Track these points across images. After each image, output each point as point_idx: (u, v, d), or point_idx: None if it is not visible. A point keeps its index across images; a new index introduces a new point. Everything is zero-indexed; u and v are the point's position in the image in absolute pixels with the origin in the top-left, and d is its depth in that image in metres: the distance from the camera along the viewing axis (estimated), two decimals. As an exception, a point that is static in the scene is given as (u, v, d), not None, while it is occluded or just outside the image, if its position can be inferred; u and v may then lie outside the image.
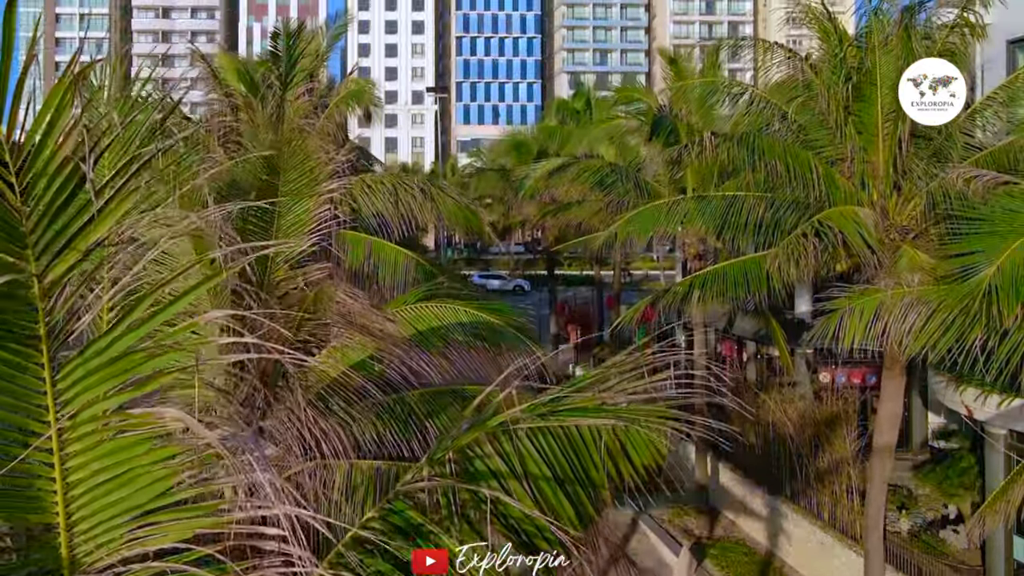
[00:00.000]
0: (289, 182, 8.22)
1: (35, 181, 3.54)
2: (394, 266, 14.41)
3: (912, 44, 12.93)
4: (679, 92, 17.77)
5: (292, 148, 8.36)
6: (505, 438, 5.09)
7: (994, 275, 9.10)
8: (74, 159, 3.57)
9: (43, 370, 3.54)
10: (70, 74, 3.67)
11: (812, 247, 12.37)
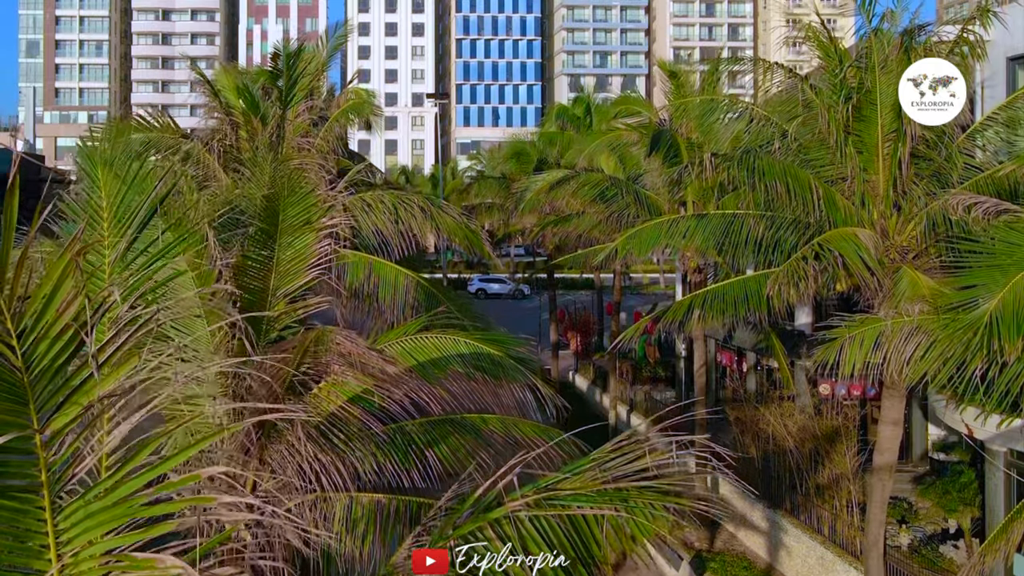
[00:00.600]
0: (289, 218, 8.22)
1: (36, 344, 3.66)
2: (394, 287, 14.40)
3: (911, 61, 12.92)
4: (679, 109, 17.75)
5: (292, 184, 8.36)
6: (507, 522, 5.09)
7: (995, 309, 9.09)
8: (74, 325, 3.59)
9: (44, 512, 3.57)
10: (71, 250, 3.71)
11: (812, 270, 12.37)
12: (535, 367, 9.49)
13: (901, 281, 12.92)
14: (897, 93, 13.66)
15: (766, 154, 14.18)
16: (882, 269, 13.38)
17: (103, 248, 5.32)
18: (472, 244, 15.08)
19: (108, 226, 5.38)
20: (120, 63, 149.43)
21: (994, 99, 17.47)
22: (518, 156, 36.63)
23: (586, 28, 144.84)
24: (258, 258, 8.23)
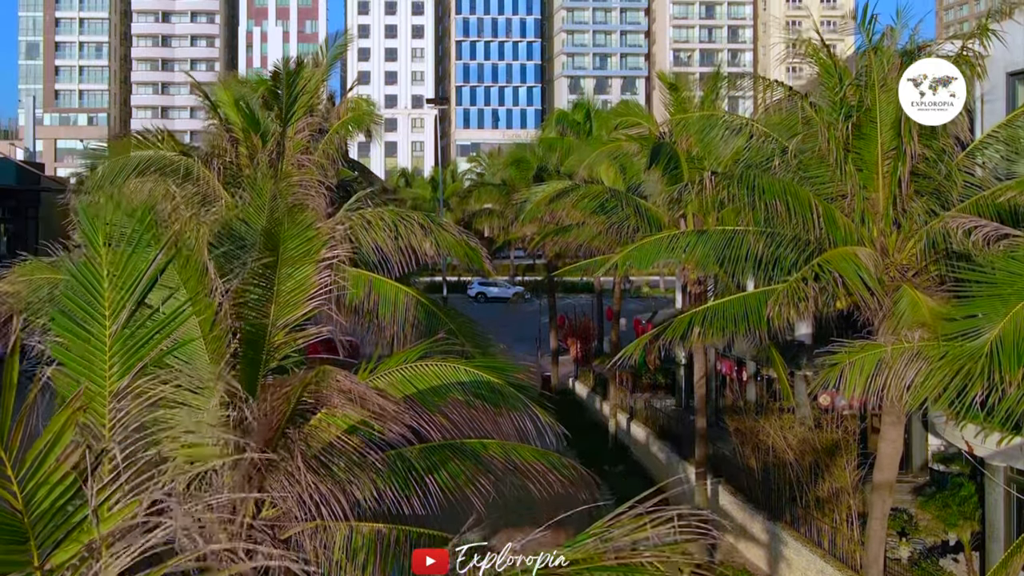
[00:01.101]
0: (289, 250, 8.23)
1: (36, 489, 3.73)
2: (394, 304, 14.41)
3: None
4: (679, 125, 17.76)
5: (293, 217, 8.36)
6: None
7: (995, 338, 9.10)
8: (73, 472, 3.62)
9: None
10: (71, 406, 3.77)
11: (812, 291, 12.38)
12: (535, 394, 9.49)
13: (901, 301, 12.92)
14: (897, 111, 13.69)
15: (766, 172, 14.19)
16: (882, 288, 13.38)
17: (104, 319, 5.31)
18: (472, 260, 15.07)
19: (109, 294, 5.37)
20: (120, 65, 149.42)
21: (994, 114, 17.49)
22: (518, 163, 36.66)
23: (586, 30, 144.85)
24: (258, 289, 8.24)
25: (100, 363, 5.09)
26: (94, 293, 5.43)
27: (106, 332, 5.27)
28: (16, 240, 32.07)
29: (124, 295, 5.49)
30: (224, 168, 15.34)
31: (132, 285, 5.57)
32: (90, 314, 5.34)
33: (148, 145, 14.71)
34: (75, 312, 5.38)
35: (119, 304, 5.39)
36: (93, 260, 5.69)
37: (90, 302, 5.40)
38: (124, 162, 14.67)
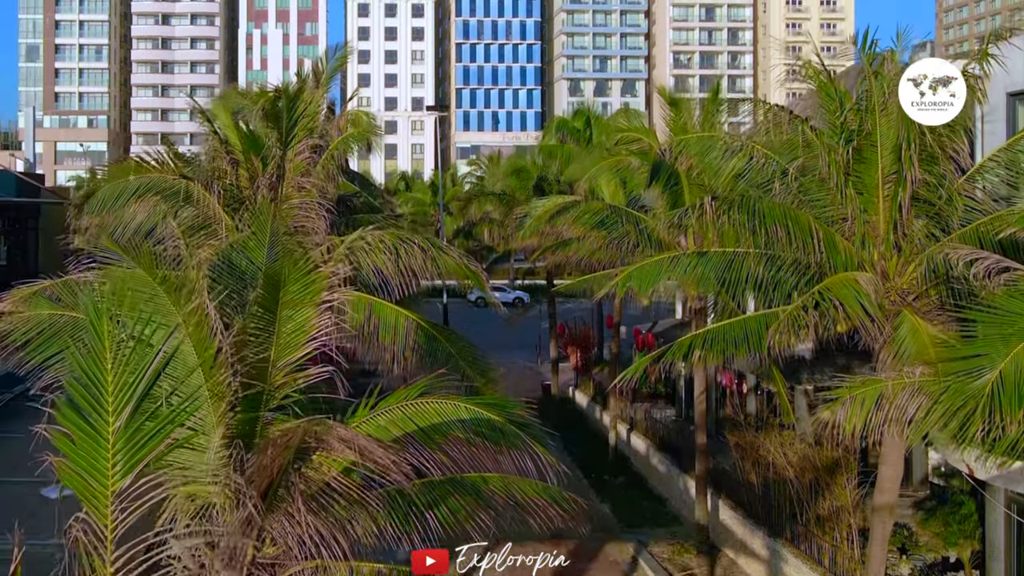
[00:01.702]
0: (290, 293, 8.24)
1: None
2: (395, 328, 14.40)
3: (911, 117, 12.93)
4: (679, 146, 17.77)
5: (294, 261, 8.37)
6: None
7: (996, 379, 9.10)
8: None
9: None
10: None
11: (812, 318, 12.38)
12: (537, 431, 9.49)
13: (901, 327, 12.92)
14: (897, 136, 13.69)
15: (767, 194, 14.19)
16: (882, 313, 13.37)
17: (107, 415, 5.31)
18: (473, 284, 15.07)
19: (112, 392, 5.36)
20: (120, 67, 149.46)
21: (994, 134, 17.49)
22: (518, 172, 36.68)
23: (586, 32, 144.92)
24: (259, 331, 8.25)
25: (103, 461, 5.07)
26: (99, 388, 5.42)
27: (109, 429, 5.26)
28: (16, 250, 32.07)
29: (127, 393, 5.48)
30: (224, 190, 15.34)
31: (135, 383, 5.57)
32: (95, 409, 5.34)
33: (148, 168, 14.72)
34: (81, 404, 5.38)
35: (122, 401, 5.38)
36: (98, 354, 5.67)
37: (95, 396, 5.39)
38: (123, 186, 14.68)
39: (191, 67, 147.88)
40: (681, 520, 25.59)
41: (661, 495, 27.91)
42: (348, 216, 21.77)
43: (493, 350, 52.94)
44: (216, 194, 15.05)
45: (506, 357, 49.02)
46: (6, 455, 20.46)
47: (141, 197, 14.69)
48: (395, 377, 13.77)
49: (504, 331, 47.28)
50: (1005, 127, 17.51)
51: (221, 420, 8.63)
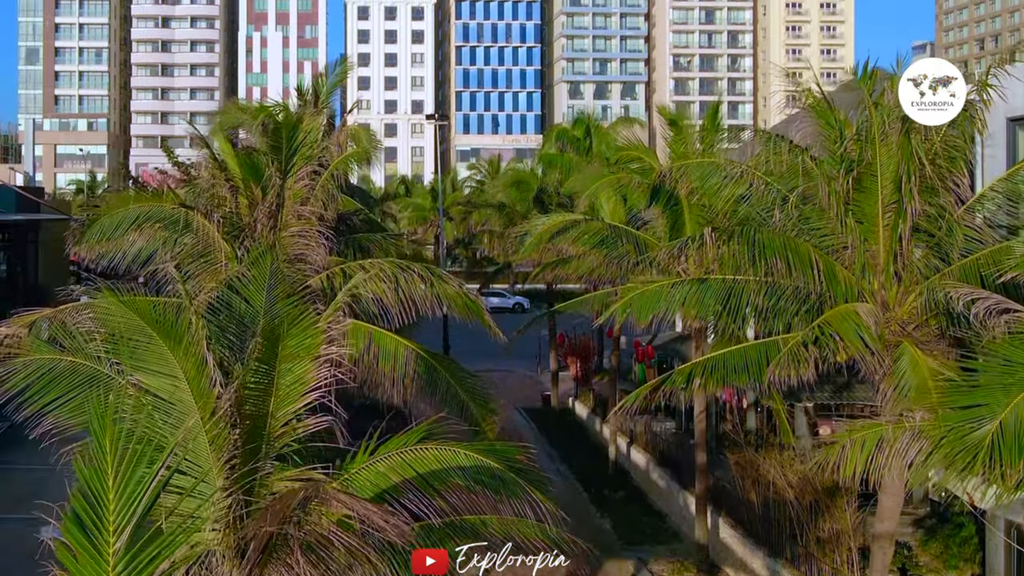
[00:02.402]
0: (289, 347, 8.23)
1: None
2: (394, 357, 14.39)
3: (911, 147, 12.92)
4: (679, 171, 17.77)
5: (293, 317, 8.37)
6: None
7: (996, 430, 9.09)
8: None
9: None
10: None
11: (812, 353, 12.38)
12: (536, 477, 9.47)
13: (902, 359, 12.93)
14: (897, 166, 13.69)
15: (767, 223, 14.18)
16: (882, 344, 13.37)
17: (108, 535, 5.28)
18: (473, 313, 15.08)
19: (113, 512, 5.32)
20: (120, 70, 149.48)
21: (994, 158, 17.47)
22: (518, 184, 36.73)
23: (586, 35, 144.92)
24: (258, 383, 8.25)
25: (104, 580, 5.06)
26: (101, 505, 5.40)
27: (110, 550, 5.24)
28: (16, 262, 32.06)
29: (128, 511, 5.44)
30: (223, 218, 15.33)
31: (135, 501, 5.54)
32: (96, 527, 5.32)
33: (147, 197, 14.72)
34: (84, 520, 5.36)
35: (123, 520, 5.35)
36: (101, 470, 5.66)
37: (97, 513, 5.37)
38: (123, 215, 14.68)
39: (191, 70, 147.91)
40: (681, 537, 25.55)
41: (661, 510, 27.88)
42: (348, 236, 21.75)
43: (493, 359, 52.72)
44: (215, 222, 15.04)
45: (506, 365, 48.97)
46: (7, 488, 20.26)
47: (140, 226, 14.70)
48: (398, 413, 13.75)
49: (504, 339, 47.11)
50: (1005, 152, 17.50)
51: (221, 470, 8.64)
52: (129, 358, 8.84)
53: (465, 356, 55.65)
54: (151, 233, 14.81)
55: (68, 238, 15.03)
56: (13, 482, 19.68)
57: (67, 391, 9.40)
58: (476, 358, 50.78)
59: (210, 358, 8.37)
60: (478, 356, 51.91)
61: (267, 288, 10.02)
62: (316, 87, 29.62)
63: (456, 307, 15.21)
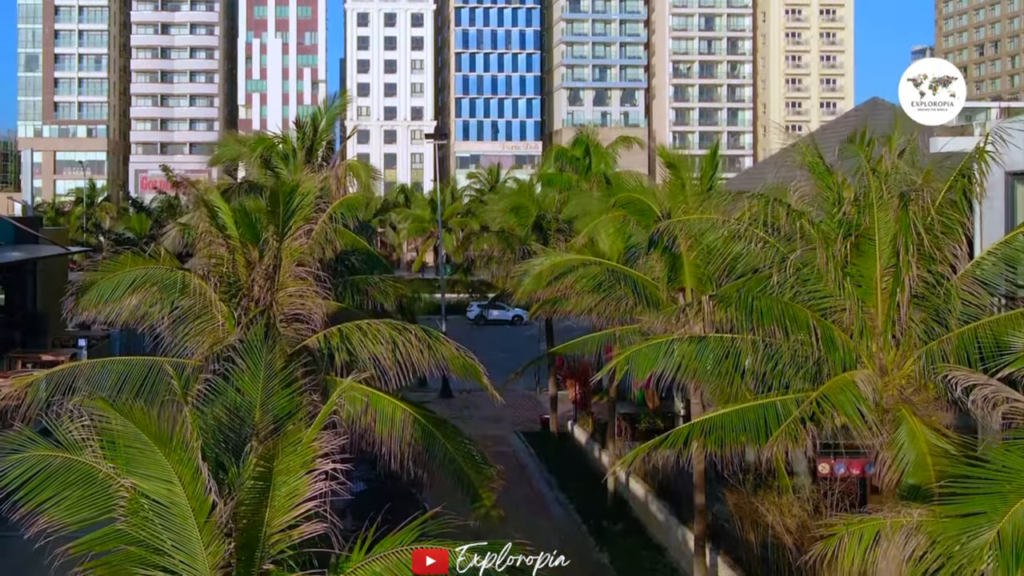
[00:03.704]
0: (284, 462, 8.22)
1: None
2: (391, 422, 14.36)
3: (909, 219, 12.91)
4: (677, 227, 17.76)
5: (288, 437, 8.36)
6: None
7: (993, 540, 9.05)
8: None
9: None
10: None
11: (811, 430, 12.38)
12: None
13: (900, 429, 12.93)
14: (895, 231, 13.67)
15: (765, 281, 14.20)
16: (881, 412, 13.36)
17: None
18: (471, 375, 15.07)
19: None
20: (119, 77, 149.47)
21: (992, 210, 17.45)
22: (517, 211, 36.73)
23: (585, 42, 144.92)
24: (254, 498, 8.24)
25: None
26: None
27: None
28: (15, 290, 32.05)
29: None
30: (220, 277, 15.31)
31: None
32: None
33: (144, 262, 14.71)
34: None
35: None
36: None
37: None
38: (120, 279, 14.67)
39: (190, 76, 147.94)
40: (680, 573, 25.52)
41: (660, 543, 27.83)
42: (346, 277, 21.73)
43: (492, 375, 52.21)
44: (212, 283, 15.03)
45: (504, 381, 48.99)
46: (8, 561, 19.94)
47: (137, 289, 14.69)
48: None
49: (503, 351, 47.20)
50: (1004, 205, 17.49)
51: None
52: (125, 463, 8.84)
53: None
54: (148, 295, 14.80)
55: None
56: (13, 551, 19.13)
57: (61, 489, 9.37)
58: (475, 375, 50.94)
59: (204, 468, 8.35)
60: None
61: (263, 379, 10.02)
62: (315, 120, 29.67)
63: (454, 368, 15.18)
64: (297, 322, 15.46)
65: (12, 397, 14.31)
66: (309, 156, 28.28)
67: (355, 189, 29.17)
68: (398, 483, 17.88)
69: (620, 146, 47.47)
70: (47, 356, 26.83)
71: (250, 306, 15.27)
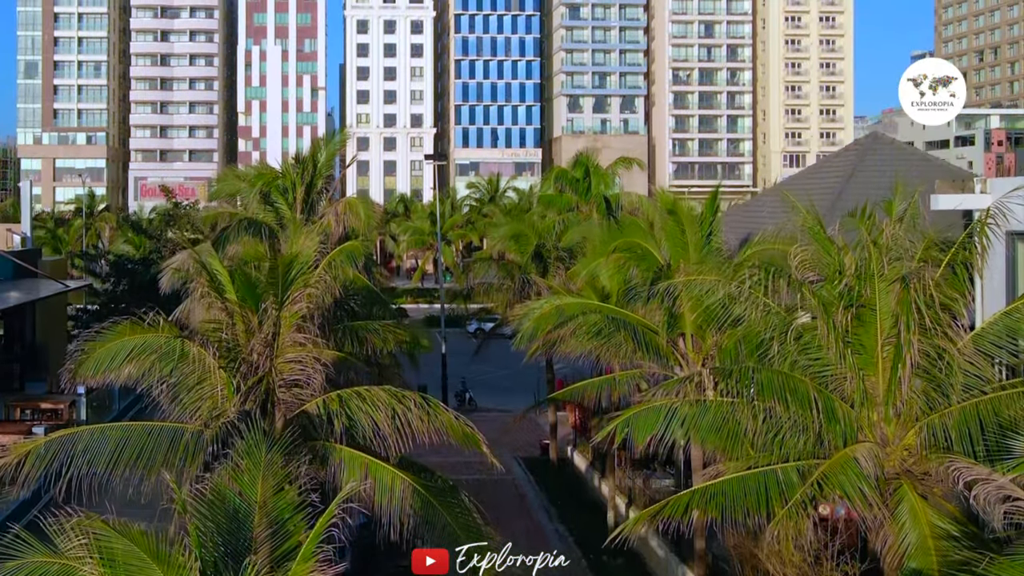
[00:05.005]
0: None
1: None
2: (390, 492, 14.31)
3: (910, 298, 12.90)
4: (678, 288, 17.74)
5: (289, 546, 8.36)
6: None
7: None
8: None
9: None
10: None
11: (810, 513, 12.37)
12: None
13: (901, 506, 12.91)
14: (896, 304, 13.65)
15: (764, 367, 14.16)
16: (881, 489, 13.34)
17: None
18: (470, 443, 15.04)
19: None
20: (119, 84, 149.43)
21: (993, 269, 17.41)
22: (517, 238, 36.73)
23: (585, 49, 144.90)
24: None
25: None
26: None
27: None
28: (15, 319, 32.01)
29: None
30: (219, 343, 15.29)
31: None
32: None
33: (143, 330, 14.67)
34: None
35: None
36: None
37: None
38: (118, 347, 14.64)
39: (190, 84, 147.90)
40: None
41: (660, 582, 27.81)
42: (345, 323, 21.69)
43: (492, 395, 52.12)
44: (211, 350, 15.01)
45: (504, 401, 48.88)
46: None
47: (135, 358, 14.67)
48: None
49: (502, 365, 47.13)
50: (1005, 265, 17.46)
51: None
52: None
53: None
54: (147, 364, 14.78)
55: (63, 376, 14.99)
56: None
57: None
58: (477, 392, 50.85)
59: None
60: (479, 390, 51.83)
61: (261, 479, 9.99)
62: (315, 150, 29.63)
63: (454, 435, 15.16)
64: (296, 387, 15.44)
65: (10, 465, 14.29)
66: (308, 192, 28.27)
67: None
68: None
69: (620, 167, 47.57)
70: (46, 404, 26.71)
71: (249, 372, 15.24)
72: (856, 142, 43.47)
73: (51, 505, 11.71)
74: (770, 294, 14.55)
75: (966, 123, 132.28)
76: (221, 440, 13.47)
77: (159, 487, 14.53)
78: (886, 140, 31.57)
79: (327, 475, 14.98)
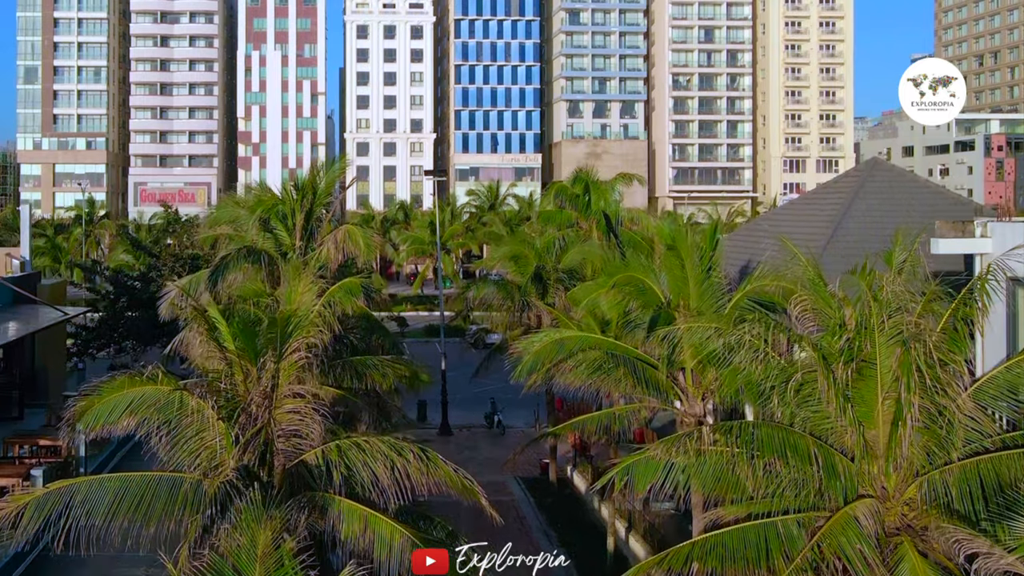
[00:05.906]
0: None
1: None
2: (390, 546, 14.28)
3: (910, 360, 12.86)
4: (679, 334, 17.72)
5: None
6: None
7: None
8: None
9: None
10: None
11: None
12: None
13: (901, 566, 12.87)
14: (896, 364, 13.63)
15: (764, 423, 14.13)
16: (883, 540, 13.31)
17: None
18: (468, 494, 15.01)
19: None
20: (118, 89, 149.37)
21: (995, 313, 17.36)
22: (517, 260, 36.72)
23: (585, 54, 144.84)
24: None
25: None
26: None
27: None
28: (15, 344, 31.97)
29: None
30: (218, 394, 15.27)
31: None
32: None
33: (142, 382, 14.66)
34: None
35: None
36: None
37: None
38: (117, 401, 14.62)
39: (190, 89, 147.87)
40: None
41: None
42: (344, 357, 21.67)
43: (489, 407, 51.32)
44: (211, 402, 14.99)
45: (506, 419, 48.83)
46: None
47: (135, 411, 14.65)
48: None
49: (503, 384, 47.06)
50: (1005, 310, 17.43)
51: None
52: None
53: (466, 403, 55.08)
54: (145, 417, 14.77)
55: (62, 429, 14.97)
56: None
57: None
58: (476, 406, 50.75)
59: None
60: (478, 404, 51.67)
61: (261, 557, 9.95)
62: (314, 177, 29.59)
63: (453, 487, 15.13)
64: (295, 437, 15.41)
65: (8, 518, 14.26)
66: (308, 219, 28.23)
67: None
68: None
69: (619, 183, 47.58)
70: (45, 441, 26.63)
71: (248, 423, 15.22)
72: (856, 168, 43.47)
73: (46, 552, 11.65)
74: (769, 345, 14.52)
75: (966, 128, 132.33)
76: (220, 501, 13.43)
77: (157, 538, 14.51)
78: (885, 167, 31.52)
79: (325, 525, 14.96)
